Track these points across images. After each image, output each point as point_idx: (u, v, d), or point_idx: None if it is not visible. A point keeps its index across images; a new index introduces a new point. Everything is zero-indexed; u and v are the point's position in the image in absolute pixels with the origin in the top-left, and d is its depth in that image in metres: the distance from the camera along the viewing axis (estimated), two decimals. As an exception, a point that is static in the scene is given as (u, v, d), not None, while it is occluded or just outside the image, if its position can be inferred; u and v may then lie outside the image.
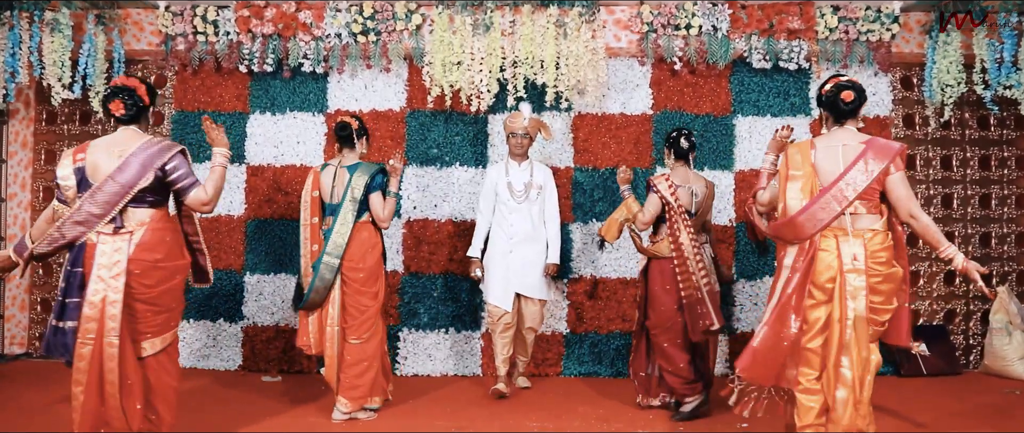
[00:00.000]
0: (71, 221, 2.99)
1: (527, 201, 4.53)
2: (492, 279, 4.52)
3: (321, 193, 4.08)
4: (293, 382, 4.87)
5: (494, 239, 4.58)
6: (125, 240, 2.97)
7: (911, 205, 2.96)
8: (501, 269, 4.50)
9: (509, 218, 4.54)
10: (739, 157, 5.24)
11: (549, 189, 4.64)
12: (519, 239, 4.51)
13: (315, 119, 5.25)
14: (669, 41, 5.10)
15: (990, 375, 5.07)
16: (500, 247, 4.54)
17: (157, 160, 3.01)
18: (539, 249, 4.56)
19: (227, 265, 5.20)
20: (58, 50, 4.86)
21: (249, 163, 5.25)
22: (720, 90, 5.25)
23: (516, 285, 4.49)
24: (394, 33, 5.09)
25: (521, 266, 4.50)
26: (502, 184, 4.56)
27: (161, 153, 3.02)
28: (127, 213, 3.01)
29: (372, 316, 4.00)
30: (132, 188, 2.98)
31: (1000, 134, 5.43)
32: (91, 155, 3.04)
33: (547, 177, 4.65)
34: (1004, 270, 5.40)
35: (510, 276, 4.48)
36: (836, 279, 2.92)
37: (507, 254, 4.51)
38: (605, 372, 5.10)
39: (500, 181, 4.57)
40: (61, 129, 5.44)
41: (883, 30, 5.09)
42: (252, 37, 5.11)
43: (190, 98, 5.27)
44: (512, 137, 4.53)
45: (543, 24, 4.94)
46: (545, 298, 4.62)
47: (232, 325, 5.20)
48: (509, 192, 4.53)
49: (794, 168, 3.05)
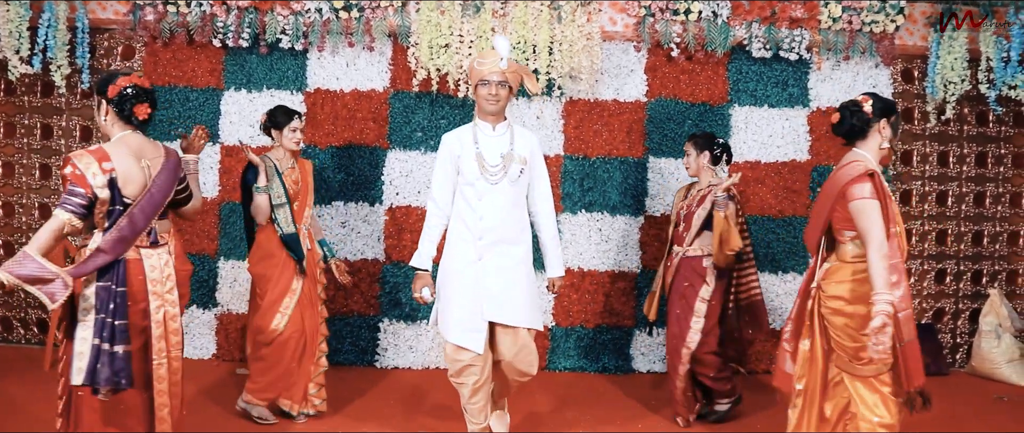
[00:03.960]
0: (114, 238, 2.68)
1: (505, 180, 3.17)
2: (451, 304, 3.18)
3: None
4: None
5: (454, 241, 3.25)
6: (165, 251, 2.85)
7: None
8: (465, 287, 3.16)
9: (477, 206, 3.16)
10: (735, 148, 5.04)
11: (536, 164, 3.31)
12: (492, 238, 3.17)
13: (293, 98, 4.98)
14: (667, 26, 4.89)
15: (976, 376, 5.05)
16: (463, 252, 3.20)
17: (179, 170, 2.90)
18: (522, 253, 3.26)
19: (200, 250, 4.97)
20: (14, 20, 4.51)
21: (223, 143, 4.99)
22: (717, 78, 5.06)
23: (491, 310, 3.13)
24: (378, 10, 4.82)
25: (497, 280, 3.16)
26: (467, 156, 3.19)
27: (179, 162, 2.92)
28: (158, 223, 2.86)
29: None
30: (167, 199, 2.83)
31: (998, 131, 5.31)
32: (119, 164, 2.70)
33: (533, 148, 3.30)
34: (995, 269, 5.34)
35: (480, 297, 3.14)
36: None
37: (474, 263, 3.17)
38: (592, 367, 4.99)
39: (465, 152, 3.20)
40: (21, 101, 5.10)
41: (887, 21, 4.92)
42: (227, 9, 4.80)
43: (161, 72, 4.96)
44: (483, 86, 3.17)
45: (537, 6, 4.69)
46: (537, 326, 3.27)
47: (205, 312, 5.00)
48: (479, 167, 3.16)
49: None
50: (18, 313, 5.11)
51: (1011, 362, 4.88)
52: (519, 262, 3.23)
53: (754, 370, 4.99)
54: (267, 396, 3.83)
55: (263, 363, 3.82)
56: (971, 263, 5.33)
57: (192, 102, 4.96)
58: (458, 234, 3.23)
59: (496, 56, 3.16)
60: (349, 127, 4.97)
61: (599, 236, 5.01)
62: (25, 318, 5.11)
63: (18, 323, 5.12)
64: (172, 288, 2.83)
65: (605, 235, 5.02)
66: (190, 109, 4.96)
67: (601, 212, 5.01)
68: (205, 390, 4.35)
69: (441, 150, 3.27)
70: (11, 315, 5.13)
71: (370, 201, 5.00)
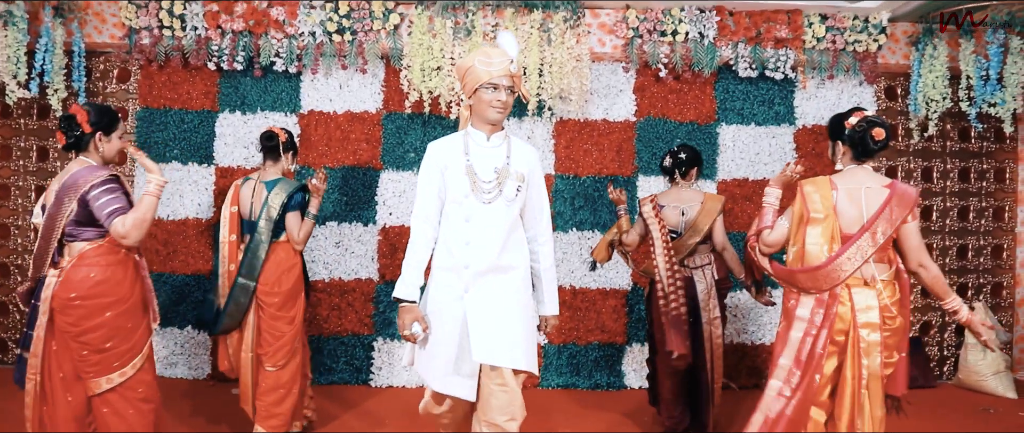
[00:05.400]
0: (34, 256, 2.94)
1: (500, 199, 2.68)
2: (434, 345, 2.67)
3: (240, 208, 3.81)
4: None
5: (438, 269, 2.75)
6: (55, 275, 2.88)
7: (922, 254, 2.84)
8: (451, 325, 2.65)
9: (465, 230, 2.67)
10: (722, 166, 5.16)
11: (535, 182, 2.81)
12: (482, 267, 2.66)
13: (288, 119, 5.05)
14: (655, 47, 4.98)
15: (963, 389, 5.11)
16: (448, 284, 2.69)
17: (76, 191, 2.82)
18: (517, 283, 2.72)
19: (195, 270, 5.01)
20: (12, 45, 4.57)
21: (218, 164, 5.05)
22: (705, 97, 5.15)
23: (482, 351, 2.61)
24: (371, 33, 4.90)
25: (488, 315, 2.64)
26: (456, 169, 2.70)
27: (82, 183, 2.82)
28: (68, 246, 2.90)
29: (288, 342, 3.70)
30: (56, 220, 2.85)
31: (980, 146, 5.42)
32: (49, 188, 2.95)
33: (532, 164, 2.80)
34: (980, 282, 5.43)
35: (468, 335, 2.63)
36: (848, 332, 2.78)
37: (460, 297, 2.66)
38: (584, 384, 5.04)
39: (453, 164, 2.71)
40: (17, 123, 5.16)
41: (870, 41, 5.02)
42: (221, 33, 4.87)
43: (156, 94, 5.03)
44: (488, 91, 2.66)
45: (527, 29, 4.77)
46: (533, 370, 2.71)
47: (201, 333, 5.03)
48: (470, 183, 2.67)
49: (815, 211, 2.84)
50: (13, 334, 5.14)
51: (997, 374, 4.95)
52: (513, 293, 2.70)
53: (745, 386, 5.05)
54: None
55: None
56: (956, 276, 5.41)
57: (187, 124, 5.02)
58: (442, 262, 2.72)
59: (505, 56, 2.66)
60: (342, 148, 5.03)
61: (600, 265, 5.06)
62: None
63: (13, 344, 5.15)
64: (65, 307, 2.83)
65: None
66: (185, 131, 5.02)
67: (592, 230, 5.08)
68: (201, 411, 4.38)
69: (426, 160, 2.75)
70: (6, 336, 5.16)
71: (364, 221, 5.06)
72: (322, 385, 4.91)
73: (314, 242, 5.02)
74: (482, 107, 2.68)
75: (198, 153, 5.03)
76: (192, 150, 5.02)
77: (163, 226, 4.99)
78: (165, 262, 4.96)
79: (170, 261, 4.98)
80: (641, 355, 5.07)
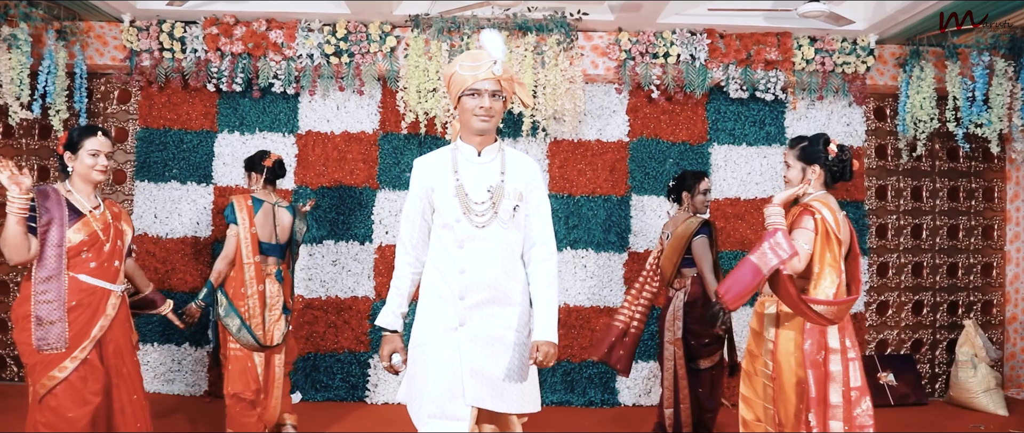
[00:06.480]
0: None
1: (495, 222, 2.37)
2: (425, 382, 2.33)
3: (258, 231, 3.87)
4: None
5: (428, 298, 2.43)
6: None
7: None
8: (443, 360, 2.33)
9: (458, 257, 2.37)
10: (714, 186, 5.23)
11: (534, 198, 2.47)
12: (478, 298, 2.35)
13: (285, 140, 5.12)
14: (647, 69, 5.06)
15: (954, 405, 5.15)
16: (440, 314, 2.38)
17: None
18: (517, 315, 2.39)
19: (193, 287, 5.06)
20: (16, 67, 4.65)
21: (217, 184, 5.12)
22: (696, 118, 5.24)
23: (475, 392, 2.30)
24: (368, 55, 4.98)
25: (484, 352, 2.33)
26: (445, 190, 2.40)
27: None
28: None
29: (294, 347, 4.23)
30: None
31: (969, 166, 5.50)
32: None
33: (531, 178, 2.47)
34: (970, 300, 5.48)
35: (462, 375, 2.30)
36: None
37: (454, 328, 2.36)
38: (578, 401, 5.08)
39: (441, 184, 2.41)
40: (19, 144, 5.24)
41: (858, 62, 5.11)
42: (221, 55, 4.96)
43: (156, 115, 5.11)
44: (470, 97, 2.37)
45: (521, 52, 4.86)
46: (534, 410, 2.43)
47: (198, 350, 5.08)
48: (460, 205, 2.37)
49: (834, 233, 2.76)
50: (11, 351, 5.19)
51: (987, 391, 4.99)
52: (513, 329, 2.38)
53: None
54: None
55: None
56: (946, 295, 5.47)
57: (186, 144, 5.10)
58: (433, 290, 2.41)
59: (487, 58, 2.36)
60: (339, 168, 5.11)
61: (584, 272, 5.14)
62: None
63: (12, 361, 5.19)
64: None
65: (590, 271, 5.15)
66: (184, 151, 5.09)
67: (586, 249, 5.15)
68: (196, 427, 4.41)
69: (412, 179, 2.48)
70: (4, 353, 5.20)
71: (360, 240, 5.12)
72: (318, 402, 4.95)
73: (311, 260, 5.08)
74: (466, 116, 2.39)
75: (197, 172, 5.10)
76: (191, 169, 5.09)
77: (161, 244, 5.05)
78: (163, 280, 5.01)
79: (168, 278, 5.03)
80: (635, 373, 5.11)
